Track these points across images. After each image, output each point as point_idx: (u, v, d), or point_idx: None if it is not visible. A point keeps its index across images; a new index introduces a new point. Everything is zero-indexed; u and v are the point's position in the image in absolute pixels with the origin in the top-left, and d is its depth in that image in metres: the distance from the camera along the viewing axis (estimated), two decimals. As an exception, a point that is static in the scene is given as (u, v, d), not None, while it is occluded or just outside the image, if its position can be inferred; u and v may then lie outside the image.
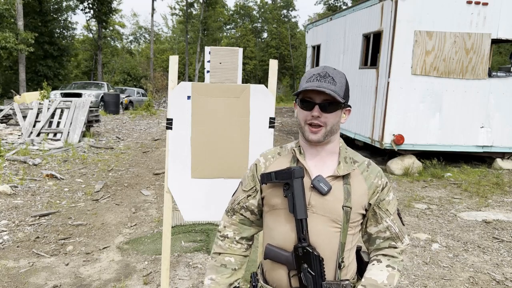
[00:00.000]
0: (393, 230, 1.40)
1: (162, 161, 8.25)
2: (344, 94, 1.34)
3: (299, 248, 1.31)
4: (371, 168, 1.43)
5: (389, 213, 1.40)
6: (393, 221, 1.40)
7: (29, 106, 10.65)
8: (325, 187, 1.33)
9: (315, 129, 1.33)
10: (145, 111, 18.79)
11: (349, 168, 1.38)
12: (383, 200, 1.40)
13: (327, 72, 1.33)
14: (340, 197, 1.34)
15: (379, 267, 1.38)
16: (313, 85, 1.30)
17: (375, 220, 1.40)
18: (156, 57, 44.53)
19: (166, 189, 2.44)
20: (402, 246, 1.41)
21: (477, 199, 6.16)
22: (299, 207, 1.31)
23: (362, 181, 1.39)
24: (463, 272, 3.75)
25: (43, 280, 3.40)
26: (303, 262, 1.31)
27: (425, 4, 7.36)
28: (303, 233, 1.31)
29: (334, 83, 1.32)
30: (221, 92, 2.39)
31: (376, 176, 1.41)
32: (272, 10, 48.45)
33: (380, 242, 1.41)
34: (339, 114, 1.36)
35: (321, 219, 1.34)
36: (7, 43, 20.33)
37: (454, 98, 7.70)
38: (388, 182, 1.44)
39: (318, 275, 1.29)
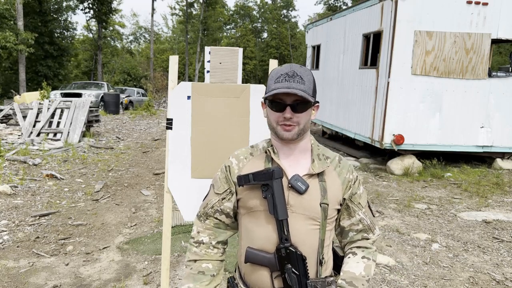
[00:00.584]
0: (365, 222, 1.43)
1: (162, 161, 8.25)
2: (313, 91, 1.35)
3: (282, 249, 1.31)
4: (343, 163, 1.45)
5: (361, 206, 1.43)
6: (365, 213, 1.44)
7: (29, 106, 10.65)
8: (302, 186, 1.33)
9: (288, 127, 1.33)
10: (145, 111, 18.79)
11: (323, 165, 1.39)
12: (355, 194, 1.43)
13: (294, 71, 1.32)
14: (317, 195, 1.35)
15: (355, 259, 1.40)
16: (283, 86, 1.29)
17: (348, 213, 1.43)
18: (156, 57, 44.55)
19: (166, 189, 2.44)
20: (373, 237, 1.45)
21: (477, 199, 6.16)
22: (280, 208, 1.30)
23: (335, 177, 1.41)
24: (463, 272, 3.75)
25: (43, 280, 3.40)
26: (287, 262, 1.30)
27: (425, 4, 7.36)
28: (284, 234, 1.30)
29: (303, 82, 1.31)
30: (221, 92, 2.39)
31: (348, 171, 1.43)
32: (272, 10, 48.45)
33: (353, 234, 1.44)
34: (310, 112, 1.36)
35: (300, 218, 1.34)
36: (7, 43, 20.33)
37: (454, 98, 7.70)
38: (358, 175, 1.48)
39: (302, 274, 1.30)
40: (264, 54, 46.99)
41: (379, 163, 8.54)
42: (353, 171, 1.46)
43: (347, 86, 9.56)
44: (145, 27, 51.12)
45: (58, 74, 29.42)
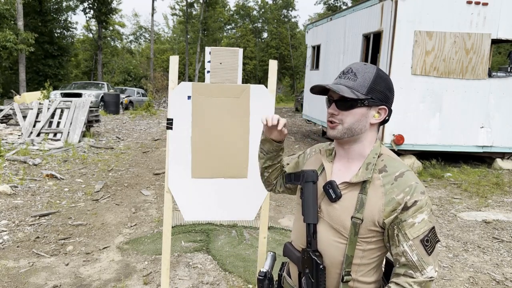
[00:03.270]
0: (409, 257, 1.21)
1: (162, 161, 8.25)
2: (368, 89, 1.24)
3: (305, 251, 1.30)
4: (400, 180, 1.23)
5: (408, 237, 1.20)
6: (411, 247, 1.20)
7: (29, 106, 10.65)
8: (333, 194, 1.26)
9: (332, 124, 1.30)
10: (145, 111, 18.80)
11: (366, 175, 1.25)
12: (404, 221, 1.20)
13: (351, 68, 1.28)
14: (350, 207, 1.24)
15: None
16: (333, 82, 1.29)
17: (394, 241, 1.24)
18: (156, 57, 44.55)
19: (166, 189, 2.44)
20: (420, 278, 1.20)
21: (477, 199, 6.16)
22: (307, 211, 1.29)
23: (381, 195, 1.23)
24: (463, 272, 3.76)
25: (43, 280, 3.40)
26: (306, 266, 1.28)
27: (425, 4, 7.36)
28: (310, 238, 1.28)
29: (355, 78, 1.24)
30: (221, 92, 2.39)
31: (403, 191, 1.21)
32: (272, 10, 48.47)
33: (397, 266, 1.25)
34: (363, 112, 1.25)
35: (326, 226, 1.29)
36: (7, 42, 20.33)
37: (454, 98, 7.71)
38: (422, 200, 1.22)
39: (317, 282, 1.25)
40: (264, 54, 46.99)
41: (379, 163, 8.53)
42: (412, 194, 1.21)
43: (347, 86, 9.55)
44: (146, 27, 51.17)
45: (58, 74, 29.43)
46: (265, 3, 49.32)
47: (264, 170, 1.61)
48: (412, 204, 1.20)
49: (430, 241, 1.22)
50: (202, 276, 3.54)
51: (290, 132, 13.82)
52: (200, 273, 3.59)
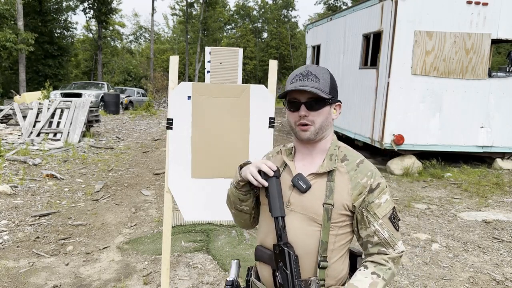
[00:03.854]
0: (381, 235, 1.32)
1: (162, 161, 8.25)
2: (330, 89, 1.33)
3: (276, 246, 1.32)
4: (362, 167, 1.37)
5: (377, 217, 1.32)
6: (381, 225, 1.32)
7: (29, 106, 10.65)
8: (303, 185, 1.33)
9: (304, 127, 1.34)
10: (145, 111, 18.79)
11: (331, 165, 1.35)
12: (372, 203, 1.32)
13: (309, 71, 1.33)
14: (321, 195, 1.32)
15: (364, 273, 1.32)
16: (297, 85, 1.31)
17: (364, 223, 1.34)
18: (156, 57, 44.55)
19: (166, 189, 2.44)
20: (393, 254, 1.33)
21: (477, 199, 6.16)
22: (273, 206, 1.31)
23: (347, 180, 1.34)
24: (463, 272, 3.76)
25: (43, 280, 3.40)
26: (280, 260, 1.30)
27: (425, 4, 7.36)
28: (279, 231, 1.31)
29: (317, 80, 1.31)
30: (221, 92, 2.39)
31: (366, 176, 1.34)
32: (272, 10, 48.47)
33: (370, 247, 1.35)
34: (328, 111, 1.35)
35: (299, 217, 1.34)
36: (7, 42, 20.32)
37: (454, 98, 7.70)
38: (383, 183, 1.36)
39: (292, 273, 1.27)
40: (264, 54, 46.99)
41: (379, 163, 8.54)
42: (374, 177, 1.35)
43: (347, 86, 9.56)
44: (146, 27, 51.17)
45: (58, 74, 29.43)
46: (265, 3, 49.32)
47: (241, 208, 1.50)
48: (376, 186, 1.34)
49: (395, 218, 1.36)
50: (202, 276, 3.54)
51: (290, 132, 13.79)
52: (200, 273, 3.59)
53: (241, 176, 1.39)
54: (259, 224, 1.48)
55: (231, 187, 1.46)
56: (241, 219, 1.54)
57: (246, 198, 1.45)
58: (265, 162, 1.35)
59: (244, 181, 1.39)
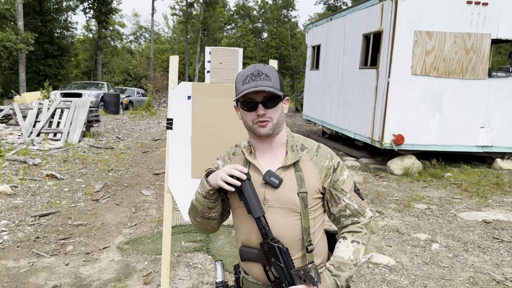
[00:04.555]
0: (352, 207, 1.45)
1: (162, 161, 8.25)
2: (280, 86, 1.40)
3: (264, 244, 1.36)
4: (321, 151, 1.47)
5: (345, 192, 1.44)
6: (350, 198, 1.45)
7: (29, 106, 10.65)
8: (276, 180, 1.38)
9: (263, 123, 1.38)
10: (145, 111, 18.80)
11: (296, 155, 1.43)
12: (337, 181, 1.44)
13: (259, 70, 1.37)
14: (294, 186, 1.39)
15: (345, 243, 1.43)
16: (251, 86, 1.35)
17: (334, 200, 1.45)
18: (156, 57, 44.55)
19: (166, 189, 2.44)
20: (364, 220, 1.46)
21: (477, 199, 6.16)
22: (253, 207, 1.35)
23: (312, 166, 1.43)
24: (463, 272, 3.76)
25: (43, 280, 3.40)
26: (271, 256, 1.35)
27: (425, 4, 7.36)
28: (264, 230, 1.35)
29: (269, 78, 1.36)
30: (221, 92, 2.40)
31: (326, 158, 1.45)
32: (272, 10, 48.47)
33: (343, 220, 1.47)
34: (281, 106, 1.42)
35: (278, 211, 1.39)
36: (7, 42, 20.32)
37: (454, 98, 7.70)
38: (341, 161, 1.48)
39: (286, 265, 1.32)
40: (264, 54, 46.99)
41: (379, 163, 8.54)
42: (333, 158, 1.47)
43: (347, 86, 9.56)
44: (146, 27, 51.17)
45: (58, 74, 29.41)
46: (265, 3, 49.31)
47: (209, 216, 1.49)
48: (337, 165, 1.46)
49: (358, 189, 1.50)
50: (202, 276, 3.55)
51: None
52: (200, 273, 3.59)
53: (210, 185, 1.39)
54: (237, 227, 1.50)
55: (198, 197, 1.45)
56: (208, 225, 1.54)
57: (215, 205, 1.45)
58: (234, 167, 1.36)
59: (214, 189, 1.40)
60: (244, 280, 1.50)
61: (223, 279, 1.50)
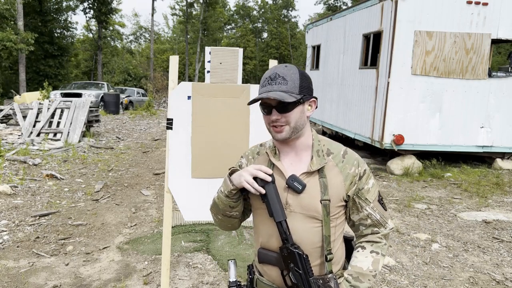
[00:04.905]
0: (374, 217, 1.41)
1: (162, 161, 8.25)
2: (300, 89, 1.34)
3: (284, 248, 1.33)
4: (347, 157, 1.42)
5: (369, 201, 1.40)
6: (373, 208, 1.41)
7: (29, 106, 10.65)
8: (299, 185, 1.35)
9: (278, 128, 1.35)
10: (145, 111, 18.80)
11: (322, 161, 1.38)
12: (362, 189, 1.40)
13: (277, 73, 1.34)
14: (317, 192, 1.36)
15: (364, 253, 1.40)
16: (264, 91, 1.33)
17: (356, 208, 1.41)
18: (156, 57, 44.56)
19: (166, 189, 2.44)
20: (385, 231, 1.43)
21: (477, 199, 6.16)
22: (275, 211, 1.31)
23: (337, 173, 1.39)
24: (463, 272, 3.75)
25: (43, 280, 3.40)
26: (290, 261, 1.32)
27: (425, 4, 7.36)
28: (285, 234, 1.32)
29: (285, 82, 1.32)
30: (221, 92, 2.40)
31: (353, 165, 1.41)
32: (272, 10, 48.46)
33: (363, 229, 1.44)
34: (300, 109, 1.35)
35: (300, 217, 1.36)
36: (7, 42, 20.31)
37: (454, 98, 7.70)
38: (367, 168, 1.43)
39: (305, 272, 1.30)
40: (264, 54, 47.00)
41: (379, 163, 8.54)
42: (360, 165, 1.42)
43: (347, 86, 9.56)
44: (146, 27, 51.17)
45: (58, 74, 29.41)
46: (265, 3, 49.32)
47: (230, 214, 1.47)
48: (363, 173, 1.41)
49: (382, 199, 1.46)
50: (202, 276, 3.55)
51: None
52: (200, 273, 3.59)
53: (233, 184, 1.37)
54: (256, 227, 1.48)
55: (220, 196, 1.43)
56: (229, 224, 1.52)
57: (236, 204, 1.43)
58: (259, 168, 1.33)
59: (237, 189, 1.37)
60: (259, 282, 1.47)
61: (236, 278, 1.49)
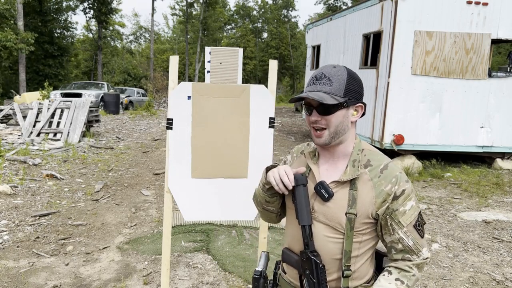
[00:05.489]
0: (406, 243, 1.30)
1: (162, 161, 8.25)
2: (345, 91, 1.28)
3: (303, 253, 1.31)
4: (386, 172, 1.31)
5: (402, 225, 1.29)
6: (406, 233, 1.29)
7: (29, 106, 10.65)
8: (325, 193, 1.31)
9: (318, 132, 1.32)
10: (145, 111, 18.80)
11: (355, 173, 1.31)
12: (396, 210, 1.29)
13: (323, 73, 1.30)
14: (343, 204, 1.30)
15: (388, 279, 1.31)
16: (308, 90, 1.30)
17: (388, 230, 1.32)
18: (156, 57, 44.55)
19: (166, 189, 2.44)
20: (417, 260, 1.31)
21: (477, 199, 6.16)
22: (301, 214, 1.30)
23: (370, 188, 1.30)
24: (463, 272, 3.76)
25: (43, 280, 3.40)
26: (306, 267, 1.30)
27: (425, 4, 7.36)
28: (306, 239, 1.30)
29: (330, 83, 1.28)
30: (221, 92, 2.40)
31: (390, 182, 1.29)
32: (272, 10, 48.48)
33: (394, 253, 1.34)
34: (344, 113, 1.30)
35: (322, 226, 1.33)
36: (7, 42, 20.31)
37: (454, 98, 7.71)
38: (408, 188, 1.31)
39: (319, 282, 1.27)
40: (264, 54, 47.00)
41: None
42: (399, 183, 1.29)
43: (347, 86, 9.55)
44: (146, 27, 51.17)
45: (58, 74, 29.41)
46: (265, 3, 49.31)
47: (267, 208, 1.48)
48: (401, 193, 1.29)
49: (421, 225, 1.33)
50: (202, 276, 3.55)
51: (291, 132, 13.82)
52: (200, 273, 3.59)
53: (266, 179, 1.37)
54: (286, 227, 1.47)
55: (259, 188, 1.45)
56: (267, 217, 1.54)
57: (272, 200, 1.42)
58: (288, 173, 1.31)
59: (269, 184, 1.37)
60: (281, 278, 1.48)
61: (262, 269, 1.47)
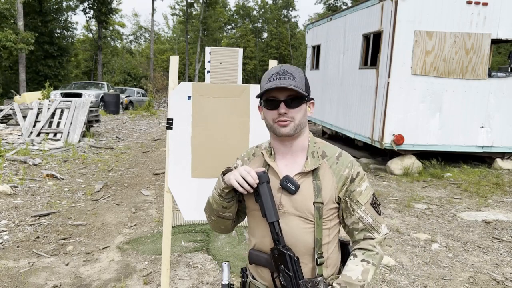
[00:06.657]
0: (366, 221, 1.38)
1: (162, 161, 8.25)
2: (306, 87, 1.37)
3: (275, 250, 1.33)
4: (341, 159, 1.42)
5: (360, 204, 1.38)
6: (365, 211, 1.38)
7: (29, 106, 10.65)
8: (293, 186, 1.34)
9: (284, 122, 1.34)
10: (145, 111, 18.80)
11: (316, 163, 1.39)
12: (354, 191, 1.39)
13: (285, 70, 1.35)
14: (310, 194, 1.35)
15: (355, 262, 1.36)
16: (275, 84, 1.32)
17: (348, 211, 1.40)
18: (156, 57, 44.55)
19: (166, 189, 2.44)
20: (378, 237, 1.39)
21: (477, 199, 6.16)
22: (268, 211, 1.31)
23: (331, 175, 1.39)
24: (463, 272, 3.76)
25: (43, 280, 3.40)
26: (280, 263, 1.31)
27: (425, 4, 7.36)
28: (276, 235, 1.31)
29: (294, 78, 1.33)
30: (221, 92, 2.40)
31: (346, 167, 1.40)
32: (272, 10, 48.48)
33: (356, 234, 1.41)
34: (304, 108, 1.38)
35: (292, 218, 1.36)
36: (7, 42, 20.31)
37: (454, 98, 7.71)
38: (361, 171, 1.42)
39: (295, 274, 1.29)
40: (264, 54, 47.01)
41: (379, 163, 8.53)
42: (353, 167, 1.41)
43: (347, 86, 9.56)
44: (146, 27, 51.18)
45: (58, 74, 29.40)
46: (265, 3, 49.32)
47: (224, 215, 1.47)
48: (356, 175, 1.40)
49: (376, 203, 1.43)
50: (202, 276, 3.55)
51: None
52: (200, 273, 3.59)
53: (225, 183, 1.37)
54: (251, 229, 1.47)
55: (214, 195, 1.43)
56: (222, 225, 1.52)
57: (230, 205, 1.43)
58: (249, 172, 1.32)
59: (229, 188, 1.37)
60: (251, 285, 1.47)
61: (229, 281, 1.48)
